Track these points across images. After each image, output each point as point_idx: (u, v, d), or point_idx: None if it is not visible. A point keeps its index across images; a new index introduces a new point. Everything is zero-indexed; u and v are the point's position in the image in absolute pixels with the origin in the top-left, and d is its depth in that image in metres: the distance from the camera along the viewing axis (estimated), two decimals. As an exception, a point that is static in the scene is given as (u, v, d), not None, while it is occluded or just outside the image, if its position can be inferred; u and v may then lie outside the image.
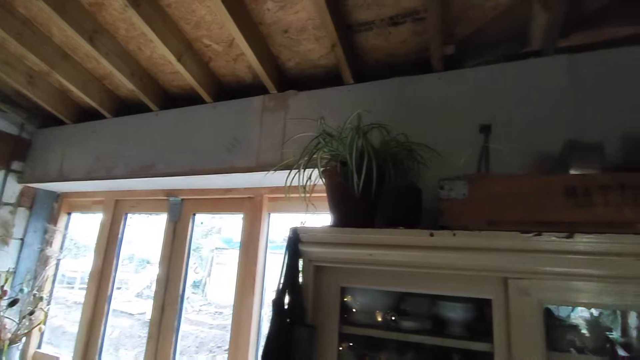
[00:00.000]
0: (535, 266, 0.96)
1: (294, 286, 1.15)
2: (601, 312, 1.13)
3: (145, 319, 2.04)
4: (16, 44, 1.81)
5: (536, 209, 0.97)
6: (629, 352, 1.12)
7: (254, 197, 2.02)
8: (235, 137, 1.85)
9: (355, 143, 1.18)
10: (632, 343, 1.11)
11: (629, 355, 1.11)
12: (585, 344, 1.16)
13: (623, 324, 1.20)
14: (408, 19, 1.52)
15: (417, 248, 1.04)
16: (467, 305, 1.12)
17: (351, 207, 1.25)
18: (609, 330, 1.17)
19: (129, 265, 5.61)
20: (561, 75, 1.40)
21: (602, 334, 1.14)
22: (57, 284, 2.71)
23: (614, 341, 1.15)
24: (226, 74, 1.94)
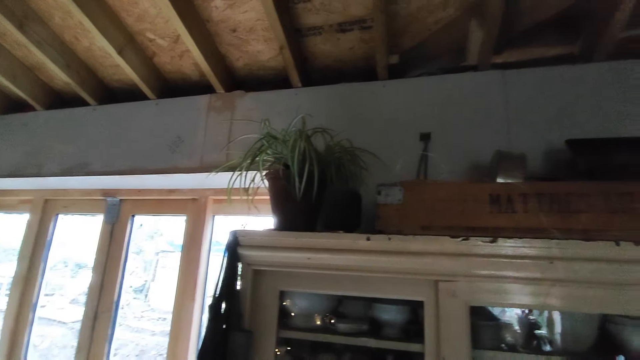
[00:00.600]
0: (462, 269, 1.00)
1: (232, 291, 1.13)
2: (530, 310, 1.21)
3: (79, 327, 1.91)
4: None
5: (465, 215, 1.02)
6: (552, 347, 1.21)
7: (199, 199, 1.95)
8: (179, 136, 1.78)
9: (297, 146, 1.18)
10: (555, 339, 1.20)
11: (552, 350, 1.21)
12: (516, 340, 1.24)
13: (549, 321, 1.30)
14: (355, 27, 1.55)
15: (355, 252, 1.06)
16: (401, 307, 1.15)
17: (293, 210, 1.25)
18: (538, 327, 1.26)
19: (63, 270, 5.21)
20: (494, 89, 1.50)
21: (531, 331, 1.23)
22: None
23: (540, 337, 1.25)
24: (171, 70, 1.87)
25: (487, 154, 1.36)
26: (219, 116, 1.77)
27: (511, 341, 1.25)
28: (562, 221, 0.95)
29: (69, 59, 1.80)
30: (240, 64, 1.78)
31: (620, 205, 0.94)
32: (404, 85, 1.60)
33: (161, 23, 1.64)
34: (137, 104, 1.92)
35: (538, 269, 0.96)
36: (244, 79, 1.84)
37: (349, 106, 1.63)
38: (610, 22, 1.31)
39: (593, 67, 1.43)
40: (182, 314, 1.83)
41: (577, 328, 1.11)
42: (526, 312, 1.24)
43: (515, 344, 1.23)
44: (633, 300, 0.94)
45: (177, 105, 1.85)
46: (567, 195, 0.97)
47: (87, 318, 1.97)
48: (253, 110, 1.72)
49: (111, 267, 2.01)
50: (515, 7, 1.40)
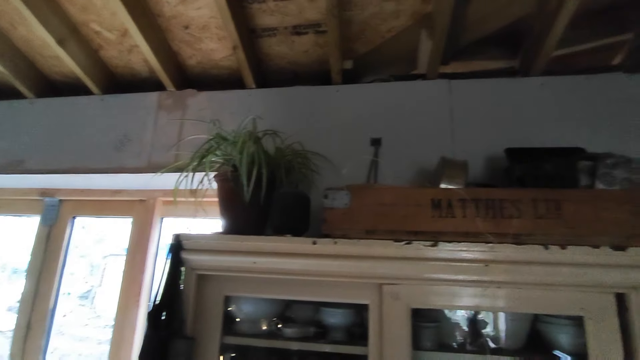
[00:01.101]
0: (405, 272, 1.03)
1: (174, 296, 1.08)
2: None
3: (11, 337, 1.76)
4: None
5: (408, 219, 1.04)
6: (497, 345, 1.27)
7: (146, 200, 1.87)
8: (125, 135, 1.70)
9: (246, 148, 1.16)
10: (500, 337, 1.26)
11: (496, 347, 1.27)
12: (465, 339, 1.29)
13: (494, 320, 1.36)
14: (310, 30, 1.56)
15: (301, 256, 1.06)
16: (347, 310, 1.16)
17: (241, 213, 1.22)
18: (484, 326, 1.32)
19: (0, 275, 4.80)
20: (442, 98, 1.56)
21: (479, 330, 1.28)
22: None
23: (486, 336, 1.31)
24: (119, 64, 1.78)
25: (434, 160, 1.41)
26: (169, 115, 1.70)
27: (460, 340, 1.30)
28: (496, 226, 1.00)
29: (3, 46, 1.67)
30: (193, 62, 1.73)
31: (547, 212, 1.01)
32: (357, 91, 1.62)
33: (107, 15, 1.56)
34: (81, 99, 1.81)
35: (475, 271, 1.01)
36: (196, 78, 1.79)
37: (302, 109, 1.63)
38: (545, 41, 1.40)
39: (530, 81, 1.53)
40: (126, 321, 1.74)
41: (512, 327, 1.18)
42: (474, 312, 1.30)
43: (464, 342, 1.28)
44: (560, 301, 1.00)
45: (124, 102, 1.76)
46: (501, 201, 1.02)
47: (19, 327, 1.83)
48: (205, 110, 1.68)
49: (47, 272, 1.88)
50: (462, 21, 1.47)
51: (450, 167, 1.21)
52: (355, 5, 1.45)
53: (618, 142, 1.40)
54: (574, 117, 1.46)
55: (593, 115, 1.45)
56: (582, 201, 1.00)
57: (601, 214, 0.99)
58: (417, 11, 1.47)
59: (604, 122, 1.44)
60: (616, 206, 0.99)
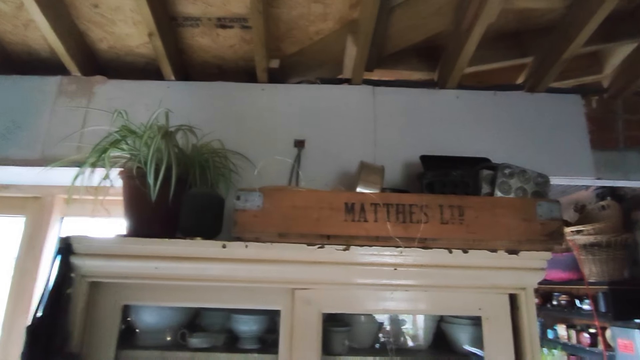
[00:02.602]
0: (318, 276, 1.02)
1: (59, 308, 0.95)
2: None
3: None
4: None
5: (321, 223, 1.03)
6: (414, 342, 1.31)
7: (42, 197, 1.65)
8: (13, 121, 1.48)
9: (155, 143, 1.07)
10: (418, 334, 1.30)
11: (414, 344, 1.30)
12: (387, 337, 1.30)
13: (413, 320, 1.41)
14: (236, 25, 1.49)
15: (210, 260, 0.99)
16: (260, 317, 1.12)
17: (147, 214, 1.12)
18: (404, 324, 1.35)
19: None
20: (366, 103, 1.58)
21: (399, 328, 1.31)
22: None
23: (405, 333, 1.34)
24: (14, 41, 1.56)
25: (355, 164, 1.43)
26: (70, 102, 1.52)
27: (385, 338, 1.31)
28: (405, 230, 1.03)
29: None
30: (104, 46, 1.57)
31: (452, 217, 1.06)
32: (283, 91, 1.59)
33: (-4, -18, 1.35)
34: (-41, 77, 1.55)
35: (384, 275, 1.02)
36: (108, 64, 1.63)
37: (225, 106, 1.56)
38: (458, 57, 1.49)
39: (447, 93, 1.62)
40: (13, 334, 1.52)
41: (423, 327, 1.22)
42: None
43: (387, 341, 1.30)
44: (461, 302, 1.06)
45: (16, 84, 1.54)
46: (411, 206, 1.05)
47: None
48: (115, 99, 1.53)
49: None
50: (386, 30, 1.51)
51: (368, 171, 1.22)
52: (283, 3, 1.42)
53: (519, 152, 1.54)
54: (483, 128, 1.57)
55: (499, 128, 1.58)
56: (482, 208, 1.06)
57: (498, 220, 1.06)
58: (344, 16, 1.48)
59: (508, 134, 1.57)
60: (511, 213, 1.07)
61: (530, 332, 1.02)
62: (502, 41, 1.67)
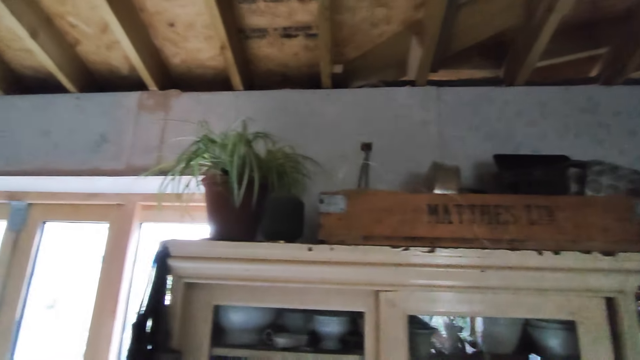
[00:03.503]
0: (402, 279, 1.02)
1: (159, 307, 1.02)
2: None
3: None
4: None
5: (404, 225, 1.03)
6: (474, 348, 1.29)
7: (124, 205, 1.78)
8: (102, 136, 1.61)
9: (237, 150, 1.12)
10: (477, 341, 1.28)
11: (475, 351, 1.28)
12: (443, 344, 1.30)
13: (471, 324, 1.38)
14: (301, 33, 1.54)
15: (296, 263, 1.02)
16: (341, 318, 1.13)
17: (231, 218, 1.18)
18: (460, 330, 1.33)
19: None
20: (430, 104, 1.57)
21: (456, 334, 1.30)
22: None
23: (463, 340, 1.32)
24: (97, 60, 1.69)
25: (423, 165, 1.42)
26: (150, 116, 1.63)
27: (439, 345, 1.31)
28: (491, 231, 1.01)
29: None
30: (177, 61, 1.67)
31: (540, 218, 1.02)
32: (347, 95, 1.61)
33: (86, 8, 1.47)
34: (54, 97, 1.70)
35: (471, 277, 1.00)
36: (180, 77, 1.73)
37: (291, 113, 1.60)
38: (529, 53, 1.43)
39: (515, 90, 1.57)
40: (101, 333, 1.64)
41: (501, 332, 1.18)
42: (451, 318, 1.31)
43: (442, 348, 1.29)
44: (552, 305, 1.02)
45: (102, 102, 1.67)
46: (496, 207, 1.03)
47: (-21, 341, 1.69)
48: (189, 111, 1.62)
49: (14, 280, 1.75)
50: (451, 29, 1.49)
51: (443, 172, 1.21)
52: (347, 9, 1.44)
53: (594, 150, 1.46)
54: (556, 125, 1.51)
55: (574, 124, 1.51)
56: (573, 208, 1.02)
57: (591, 220, 1.01)
58: (408, 18, 1.48)
59: (584, 130, 1.49)
60: (603, 212, 1.02)
61: (632, 338, 0.96)
62: (573, 33, 1.59)
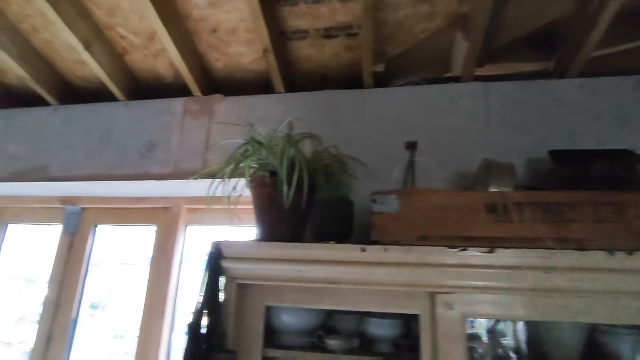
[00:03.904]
0: (460, 280, 0.98)
1: (214, 307, 1.03)
2: (497, 320, 1.20)
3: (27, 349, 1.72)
4: None
5: (461, 224, 1.00)
6: (518, 355, 1.22)
7: (170, 208, 1.83)
8: (150, 141, 1.67)
9: (286, 151, 1.12)
10: (521, 347, 1.21)
11: (518, 357, 1.21)
12: (485, 350, 1.23)
13: (514, 330, 1.31)
14: (341, 33, 1.53)
15: (349, 264, 1.01)
16: (394, 321, 1.11)
17: (279, 220, 1.18)
18: (504, 336, 1.27)
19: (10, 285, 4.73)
20: (477, 100, 1.52)
21: (498, 341, 1.23)
22: None
23: (506, 347, 1.25)
24: (143, 69, 1.76)
25: (470, 163, 1.37)
26: (195, 121, 1.67)
27: (482, 351, 1.24)
28: (555, 230, 0.95)
29: (22, 48, 1.63)
30: (219, 66, 1.70)
31: (608, 215, 0.96)
32: (390, 94, 1.59)
33: (135, 19, 1.53)
34: (105, 105, 1.78)
35: (534, 279, 0.95)
36: (222, 82, 1.76)
37: (333, 113, 1.59)
38: (584, 42, 1.36)
39: (567, 83, 1.49)
40: (150, 333, 1.69)
41: (565, 337, 1.12)
42: (493, 322, 1.24)
43: (484, 354, 1.23)
44: (624, 310, 0.95)
45: (149, 108, 1.73)
46: (559, 204, 0.97)
47: (40, 339, 1.78)
48: (233, 115, 1.64)
49: (69, 282, 1.83)
50: (498, 21, 1.43)
51: (497, 170, 1.16)
52: (389, 7, 1.42)
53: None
54: (612, 118, 1.42)
55: (631, 117, 1.41)
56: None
57: (666, 217, 0.94)
58: (452, 12, 1.44)
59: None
60: (681, 210, 0.94)
61: None
62: (630, 20, 1.49)
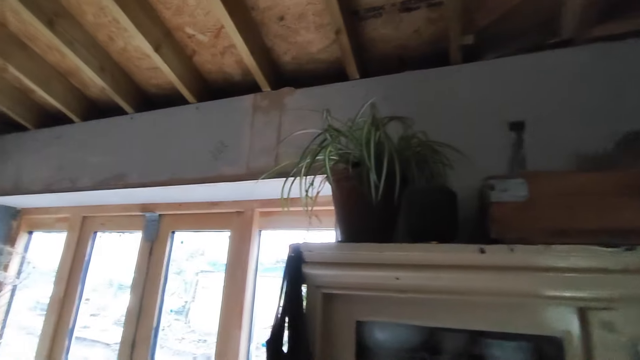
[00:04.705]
0: (623, 291, 0.72)
1: (296, 321, 0.89)
2: None
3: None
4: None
5: (612, 214, 0.74)
6: None
7: (244, 212, 1.75)
8: (221, 142, 1.60)
9: (372, 137, 0.95)
10: None
11: None
12: None
13: None
14: (422, 4, 1.33)
15: (462, 269, 0.80)
16: (520, 344, 0.87)
17: (367, 217, 1.01)
18: None
19: (107, 290, 5.19)
20: (597, 66, 1.21)
21: None
22: (31, 311, 2.40)
23: None
24: (212, 70, 1.71)
25: (593, 139, 1.09)
26: (265, 117, 1.57)
27: None
28: None
29: (102, 60, 1.68)
30: (287, 58, 1.59)
31: None
32: (483, 69, 1.34)
33: (201, 15, 1.48)
34: (177, 109, 1.76)
35: None
36: (290, 75, 1.65)
37: (417, 96, 1.39)
38: None
39: None
40: (228, 343, 1.60)
41: None
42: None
43: None
44: None
45: (219, 108, 1.68)
46: None
47: (125, 344, 1.79)
48: (304, 107, 1.52)
49: (150, 288, 1.84)
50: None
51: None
52: (481, -36, 1.19)
53: None
54: None
55: None
56: None
57: None
58: (563, -41, 1.17)
59: None
60: None
61: None
62: None
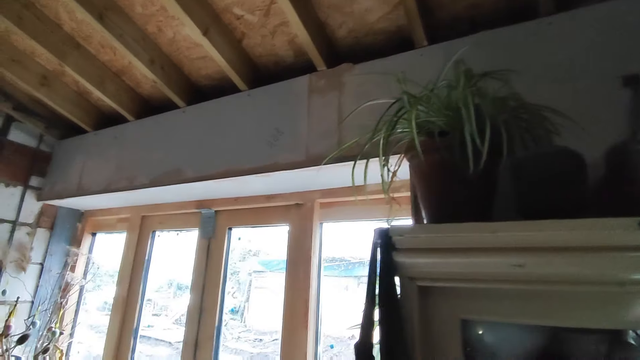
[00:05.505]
0: None
1: (390, 321, 0.74)
2: None
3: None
4: (23, 34, 1.57)
5: None
6: None
7: (303, 204, 1.64)
8: (277, 128, 1.49)
9: (470, 97, 0.78)
10: None
11: None
12: None
13: None
14: (502, -53, 1.13)
15: (611, 250, 0.61)
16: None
17: (460, 193, 0.84)
18: None
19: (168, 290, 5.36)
20: None
21: None
22: (99, 311, 2.48)
23: None
24: (262, 53, 1.61)
25: None
26: (323, 98, 1.44)
27: None
28: None
29: (152, 52, 1.64)
30: (343, 32, 1.45)
31: None
32: (581, 18, 1.12)
33: (250, -9, 1.38)
34: (228, 98, 1.69)
35: None
36: (347, 51, 1.50)
37: (499, 58, 1.20)
38: None
39: None
40: (293, 345, 1.50)
41: None
42: None
43: None
44: None
45: (271, 93, 1.57)
46: None
47: (188, 345, 1.75)
48: (367, 84, 1.37)
49: (210, 287, 1.78)
50: None
51: None
52: None
53: None
54: None
55: None
56: None
57: None
58: None
59: None
60: None
61: None
62: None
